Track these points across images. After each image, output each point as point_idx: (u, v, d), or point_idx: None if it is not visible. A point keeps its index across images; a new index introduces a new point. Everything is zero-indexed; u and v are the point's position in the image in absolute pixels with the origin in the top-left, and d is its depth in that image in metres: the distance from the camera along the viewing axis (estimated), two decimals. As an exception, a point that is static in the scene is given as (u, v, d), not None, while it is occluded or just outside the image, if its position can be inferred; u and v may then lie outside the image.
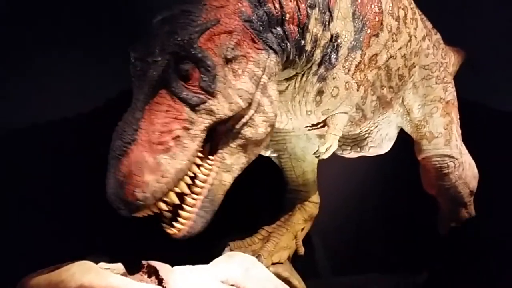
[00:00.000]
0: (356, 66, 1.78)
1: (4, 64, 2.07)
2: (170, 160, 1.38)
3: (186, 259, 2.01)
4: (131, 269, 1.41)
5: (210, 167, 1.50)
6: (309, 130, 1.92)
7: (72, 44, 2.17)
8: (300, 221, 2.34)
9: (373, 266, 2.64)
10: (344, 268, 2.71)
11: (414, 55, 2.04)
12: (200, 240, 2.28)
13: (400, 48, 1.94)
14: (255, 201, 2.50)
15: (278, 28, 1.59)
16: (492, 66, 3.22)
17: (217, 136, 1.52)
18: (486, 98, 3.27)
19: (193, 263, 1.84)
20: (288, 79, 1.77)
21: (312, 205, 2.37)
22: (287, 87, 1.79)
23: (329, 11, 1.72)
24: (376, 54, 1.84)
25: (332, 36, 1.73)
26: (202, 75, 1.44)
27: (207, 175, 1.50)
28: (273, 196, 2.47)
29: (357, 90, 1.80)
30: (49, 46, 2.14)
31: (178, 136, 1.41)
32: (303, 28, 1.65)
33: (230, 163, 1.51)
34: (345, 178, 2.77)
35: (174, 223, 1.48)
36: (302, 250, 2.32)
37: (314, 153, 1.86)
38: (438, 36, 2.34)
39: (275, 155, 2.34)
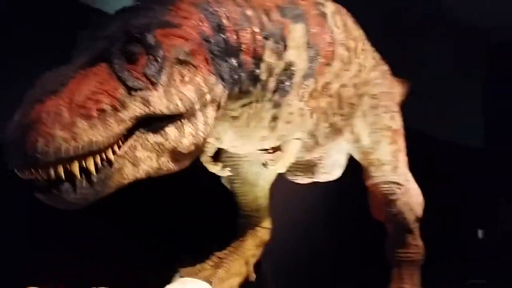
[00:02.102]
0: (310, 93, 1.82)
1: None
2: (87, 128, 1.23)
3: (136, 284, 1.97)
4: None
5: (117, 150, 1.33)
6: (264, 153, 1.93)
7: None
8: (251, 247, 2.34)
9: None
10: (294, 294, 2.71)
11: (364, 85, 2.11)
12: (150, 266, 2.25)
13: (351, 77, 2.00)
14: (206, 226, 2.48)
15: (233, 59, 1.58)
16: (433, 97, 3.38)
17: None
18: (427, 127, 3.43)
19: (143, 289, 1.80)
20: (243, 105, 1.78)
21: (264, 231, 2.39)
22: (241, 114, 1.80)
23: (283, 40, 1.75)
24: (329, 83, 1.89)
25: (286, 64, 1.76)
26: (149, 62, 1.37)
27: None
28: (224, 221, 2.46)
29: (311, 117, 1.84)
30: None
31: (104, 110, 1.26)
32: (258, 59, 1.66)
33: (139, 157, 1.36)
34: (296, 204, 2.80)
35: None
36: (253, 277, 2.32)
37: (263, 164, 1.89)
38: (386, 67, 2.43)
39: (227, 179, 2.35)
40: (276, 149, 1.90)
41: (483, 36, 3.88)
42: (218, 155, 2.15)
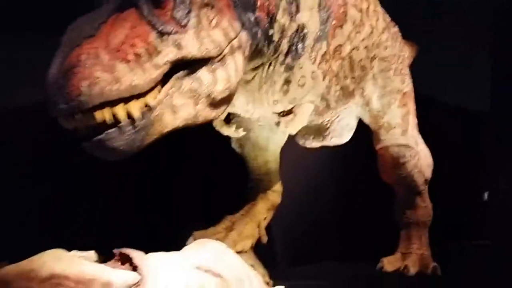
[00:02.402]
0: (322, 56, 1.81)
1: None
2: (127, 71, 1.23)
3: (149, 249, 2.00)
4: (104, 257, 1.38)
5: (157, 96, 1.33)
6: (277, 116, 1.93)
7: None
8: (263, 210, 2.37)
9: (332, 255, 2.70)
10: (303, 257, 2.75)
11: (375, 47, 2.10)
12: (164, 230, 2.29)
13: (363, 39, 1.99)
14: (217, 190, 2.50)
15: (251, 14, 1.57)
16: (442, 60, 3.35)
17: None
18: (435, 91, 3.41)
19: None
20: (255, 68, 1.77)
21: (275, 194, 2.41)
22: (253, 77, 1.80)
23: (296, 2, 1.73)
24: (341, 45, 1.89)
25: (298, 26, 1.75)
26: (177, 6, 1.35)
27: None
28: (235, 185, 2.49)
29: (323, 80, 1.84)
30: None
31: (139, 55, 1.26)
32: (271, 18, 1.65)
33: (176, 105, 1.36)
34: (305, 167, 2.82)
35: None
36: (265, 239, 2.35)
37: (275, 123, 1.90)
38: (396, 29, 2.42)
39: (237, 144, 2.36)
40: (288, 112, 1.90)
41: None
42: (229, 121, 2.16)
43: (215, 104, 1.46)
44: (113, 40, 1.25)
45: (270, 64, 1.77)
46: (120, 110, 1.25)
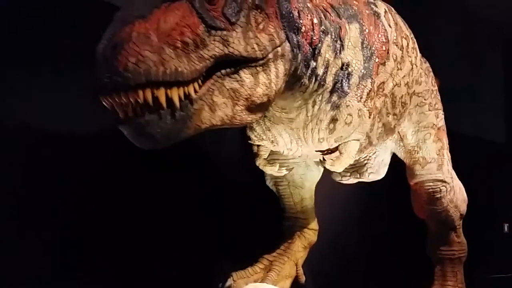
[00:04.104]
0: (367, 94, 1.81)
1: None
2: (174, 56, 1.24)
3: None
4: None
5: (197, 89, 1.32)
6: (321, 155, 1.92)
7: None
8: (300, 248, 2.34)
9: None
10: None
11: (415, 83, 2.11)
12: (202, 270, 2.24)
13: (404, 76, 1.99)
14: (253, 229, 2.46)
15: (293, 35, 1.57)
16: (463, 95, 3.38)
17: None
18: (456, 125, 3.42)
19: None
20: (298, 107, 1.76)
21: (312, 232, 2.38)
22: (298, 115, 1.78)
23: (340, 40, 1.74)
24: (384, 82, 1.89)
25: (343, 64, 1.75)
26: (228, 3, 1.36)
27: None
28: (269, 224, 2.45)
29: (369, 118, 1.83)
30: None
31: (187, 44, 1.27)
32: (314, 50, 1.65)
33: (216, 102, 1.36)
34: (335, 203, 2.78)
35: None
36: (303, 279, 2.31)
37: (320, 161, 1.86)
38: (427, 64, 2.43)
39: (272, 182, 2.34)
40: (332, 150, 1.89)
41: (503, 29, 3.88)
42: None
43: (252, 108, 1.45)
44: (164, 25, 1.25)
45: (314, 103, 1.76)
46: (161, 94, 1.24)
